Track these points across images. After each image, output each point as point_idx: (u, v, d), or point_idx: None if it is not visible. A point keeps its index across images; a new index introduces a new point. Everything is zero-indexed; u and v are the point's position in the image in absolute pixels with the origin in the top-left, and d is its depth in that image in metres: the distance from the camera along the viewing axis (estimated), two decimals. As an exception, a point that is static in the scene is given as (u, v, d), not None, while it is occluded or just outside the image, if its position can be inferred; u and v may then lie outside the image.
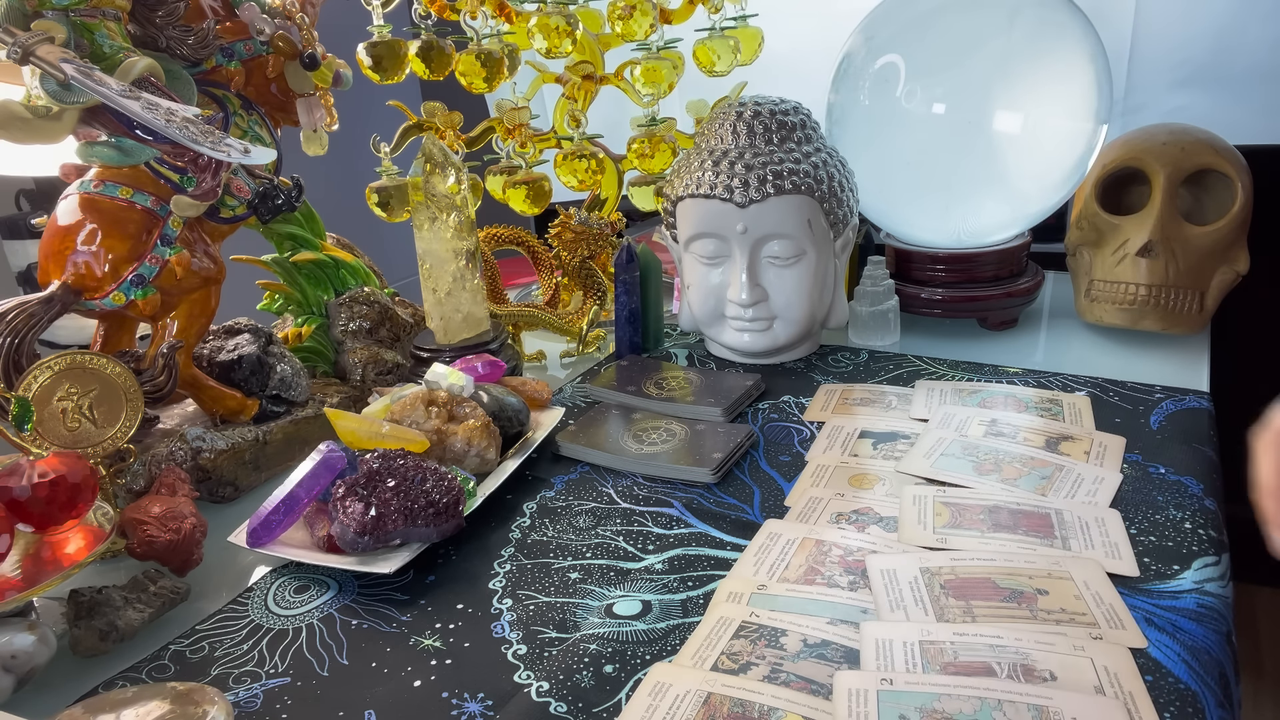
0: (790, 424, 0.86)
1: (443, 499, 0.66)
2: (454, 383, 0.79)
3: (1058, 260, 1.13)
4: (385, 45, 1.06)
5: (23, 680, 0.57)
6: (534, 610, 0.62)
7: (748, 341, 0.97)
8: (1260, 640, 1.64)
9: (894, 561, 0.62)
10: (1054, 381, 0.89)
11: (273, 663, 0.59)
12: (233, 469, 0.81)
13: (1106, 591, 0.57)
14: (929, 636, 0.54)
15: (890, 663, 0.52)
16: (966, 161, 0.98)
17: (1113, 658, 0.51)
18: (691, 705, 0.50)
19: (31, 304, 0.70)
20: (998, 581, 0.59)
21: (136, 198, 0.75)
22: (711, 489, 0.75)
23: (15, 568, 0.59)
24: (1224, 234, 0.94)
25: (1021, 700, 0.48)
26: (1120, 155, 0.99)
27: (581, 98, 1.13)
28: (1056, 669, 0.51)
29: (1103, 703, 0.48)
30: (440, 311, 0.92)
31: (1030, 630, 0.54)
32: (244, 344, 0.87)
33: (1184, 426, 0.79)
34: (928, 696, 0.49)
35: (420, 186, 0.88)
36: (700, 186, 0.92)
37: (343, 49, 0.98)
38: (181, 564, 0.67)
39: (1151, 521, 0.65)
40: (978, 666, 0.51)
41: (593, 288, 1.08)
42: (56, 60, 0.63)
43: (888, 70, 0.99)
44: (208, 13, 0.81)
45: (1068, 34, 0.95)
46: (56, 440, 0.66)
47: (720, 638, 0.56)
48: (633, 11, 1.01)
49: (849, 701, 0.49)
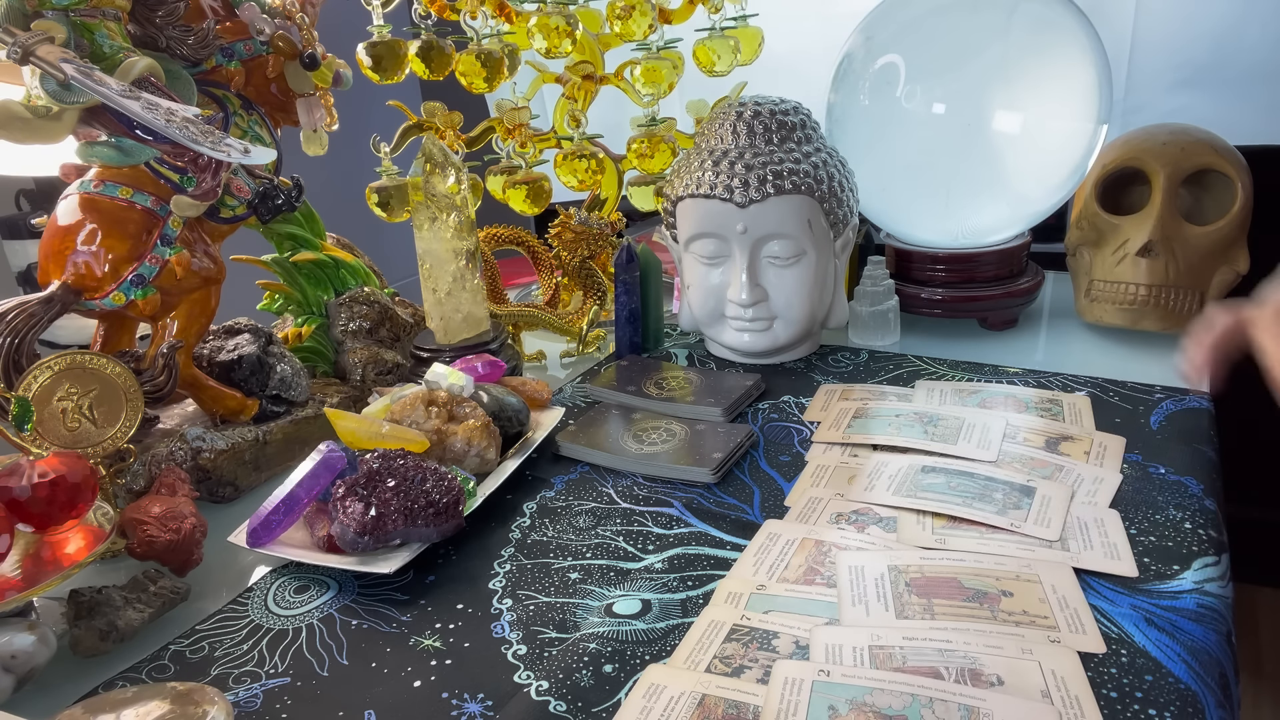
0: (790, 424, 0.86)
1: (443, 499, 0.66)
2: (454, 383, 0.80)
3: (1058, 260, 1.13)
4: (385, 45, 1.06)
5: (23, 680, 0.57)
6: (534, 610, 0.62)
7: (748, 341, 0.97)
8: (1260, 640, 1.64)
9: (864, 559, 0.62)
10: (1054, 381, 0.89)
11: (273, 663, 0.59)
12: (233, 469, 0.81)
13: (1073, 595, 0.57)
14: (878, 641, 0.54)
15: (839, 659, 0.53)
16: (966, 162, 0.98)
17: (1061, 662, 0.51)
18: (686, 707, 0.50)
19: (31, 304, 0.70)
20: (963, 581, 0.59)
21: (136, 198, 0.75)
22: (711, 489, 0.75)
23: (15, 568, 0.59)
24: (1224, 234, 0.94)
25: (954, 700, 0.48)
26: (1120, 155, 0.99)
27: (581, 98, 1.13)
28: (1004, 673, 0.51)
29: (1040, 708, 0.48)
30: (440, 311, 0.92)
31: (986, 631, 0.54)
32: (244, 344, 0.87)
33: (1184, 426, 0.79)
34: (860, 690, 0.50)
35: (420, 186, 0.88)
36: (700, 186, 0.92)
37: (343, 49, 0.98)
38: (181, 564, 0.67)
39: (1151, 521, 0.65)
40: (924, 670, 0.51)
41: (593, 288, 1.08)
42: (56, 60, 0.63)
43: (888, 70, 0.99)
44: (208, 13, 0.81)
45: (1067, 34, 0.95)
46: (56, 440, 0.66)
47: (712, 641, 0.56)
48: (632, 11, 1.01)
49: (782, 690, 0.50)
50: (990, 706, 0.48)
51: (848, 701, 0.49)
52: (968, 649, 0.53)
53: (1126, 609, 0.56)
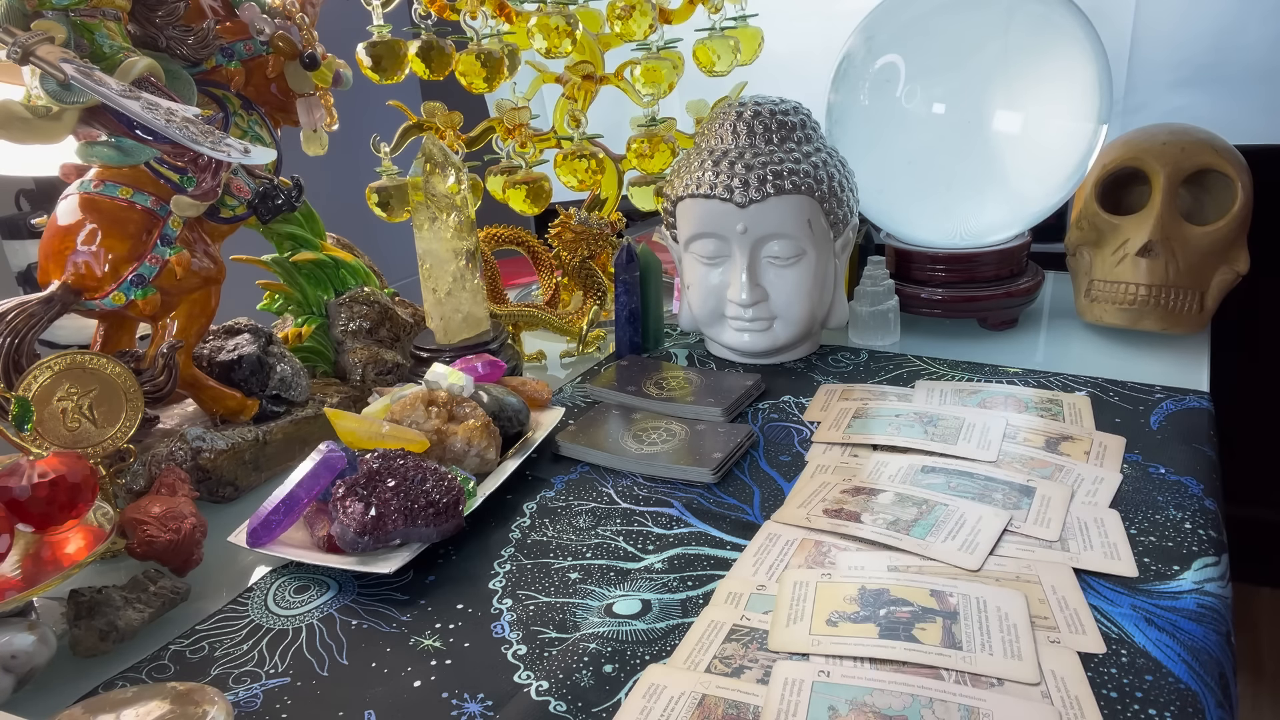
0: (790, 424, 0.86)
1: (443, 499, 0.66)
2: (454, 383, 0.80)
3: (1058, 260, 1.13)
4: (385, 45, 1.06)
5: (23, 680, 0.57)
6: (534, 610, 0.62)
7: (748, 341, 0.97)
8: (1260, 640, 1.64)
9: (864, 559, 0.62)
10: (1054, 381, 0.89)
11: (273, 663, 0.59)
12: (233, 469, 0.81)
13: (1073, 596, 0.57)
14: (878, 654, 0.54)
15: (839, 659, 0.53)
16: (966, 162, 0.98)
17: (1061, 662, 0.52)
18: (686, 707, 0.50)
19: (31, 304, 0.70)
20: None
21: (136, 198, 0.75)
22: (711, 489, 0.75)
23: (15, 568, 0.59)
24: (1224, 234, 0.94)
25: (954, 700, 0.49)
26: (1120, 155, 0.99)
27: (581, 98, 1.13)
28: (1004, 673, 0.51)
29: (1040, 708, 0.48)
30: (440, 311, 0.92)
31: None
32: (244, 344, 0.87)
33: (1184, 426, 0.79)
34: (860, 690, 0.50)
35: (420, 186, 0.88)
36: (700, 186, 0.92)
37: (343, 49, 0.98)
38: (181, 564, 0.67)
39: (1151, 521, 0.65)
40: (924, 670, 0.51)
41: (593, 288, 1.08)
42: (56, 60, 0.63)
43: (888, 70, 0.99)
44: (208, 13, 0.81)
45: (1068, 34, 0.95)
46: (56, 440, 0.66)
47: (712, 641, 0.56)
48: (632, 11, 1.01)
49: (782, 690, 0.50)
50: (990, 707, 0.48)
51: (848, 702, 0.49)
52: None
53: (1126, 609, 0.56)
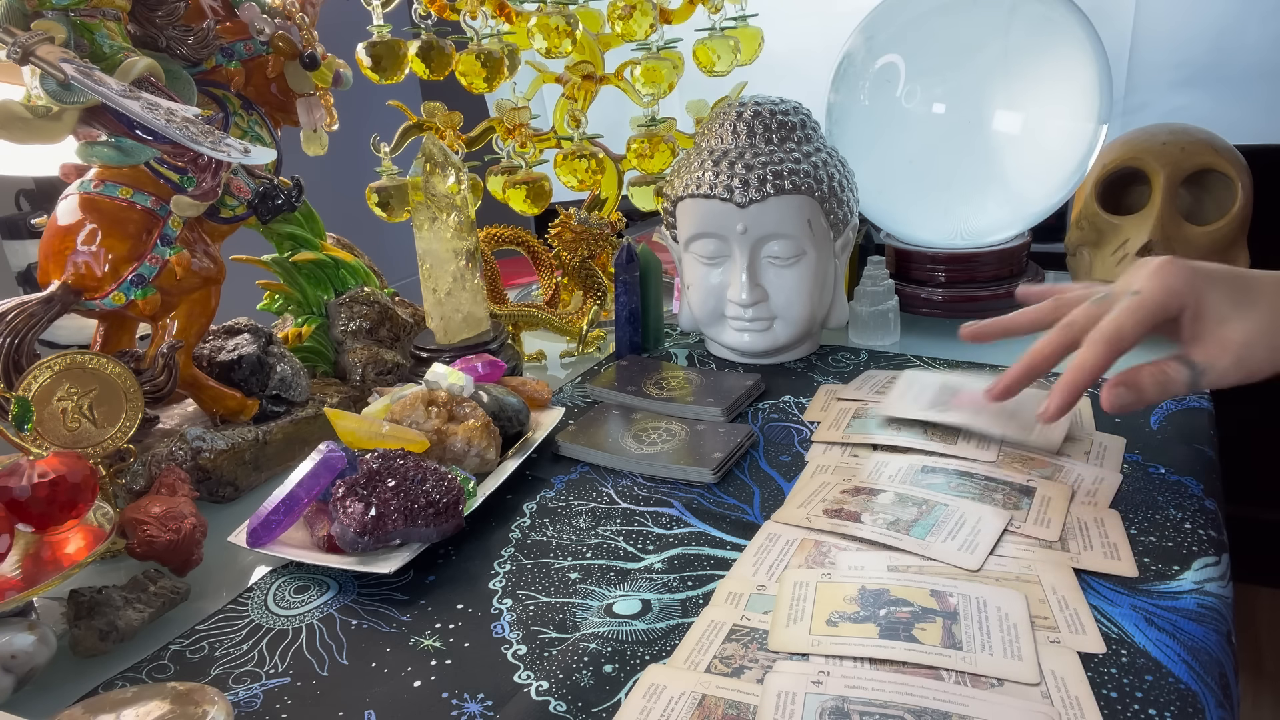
0: (790, 424, 0.86)
1: (443, 499, 0.66)
2: (454, 383, 0.80)
3: (1058, 260, 1.13)
4: (385, 45, 1.06)
5: (23, 680, 0.57)
6: (534, 610, 0.62)
7: (748, 341, 0.97)
8: (1260, 640, 1.64)
9: (864, 558, 0.62)
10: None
11: (273, 663, 0.59)
12: (233, 469, 0.81)
13: (1073, 596, 0.57)
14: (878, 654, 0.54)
15: (839, 660, 0.53)
16: (967, 161, 0.98)
17: (1061, 662, 0.51)
18: (686, 707, 0.50)
19: (31, 304, 0.70)
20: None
21: (136, 198, 0.75)
22: (711, 489, 0.75)
23: (15, 568, 0.59)
24: (1224, 234, 0.94)
25: (954, 700, 0.48)
26: (1120, 155, 0.99)
27: (581, 98, 1.13)
28: (1004, 673, 0.51)
29: (1040, 708, 0.48)
30: (440, 311, 0.92)
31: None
32: (244, 344, 0.87)
33: (1184, 426, 0.79)
34: (860, 690, 0.50)
35: (420, 186, 0.88)
36: (700, 186, 0.92)
37: (343, 49, 0.98)
38: (181, 564, 0.67)
39: (1151, 521, 0.65)
40: (924, 670, 0.51)
41: (593, 288, 1.08)
42: (56, 60, 0.63)
43: (888, 70, 0.99)
44: (208, 13, 0.81)
45: (1068, 34, 0.95)
46: (56, 440, 0.66)
47: (712, 641, 0.56)
48: (633, 11, 1.01)
49: (780, 691, 0.50)
50: (990, 707, 0.48)
51: (848, 702, 0.49)
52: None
53: (1126, 609, 0.56)
